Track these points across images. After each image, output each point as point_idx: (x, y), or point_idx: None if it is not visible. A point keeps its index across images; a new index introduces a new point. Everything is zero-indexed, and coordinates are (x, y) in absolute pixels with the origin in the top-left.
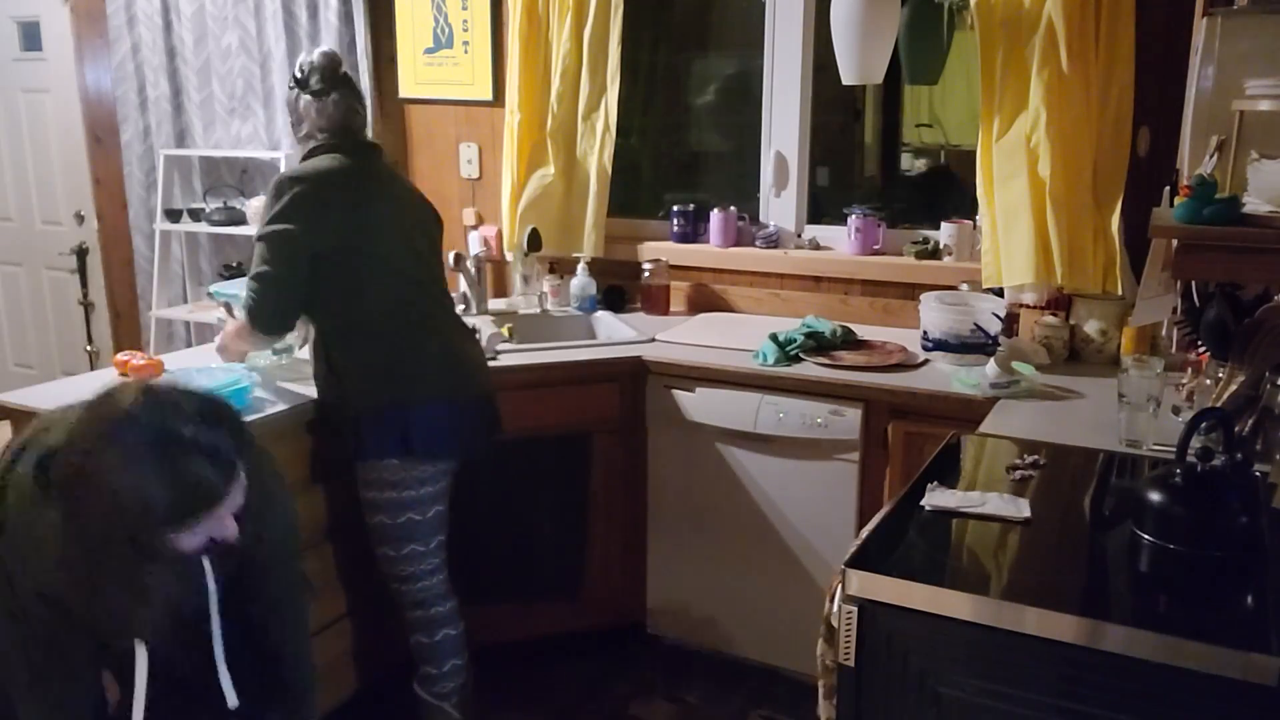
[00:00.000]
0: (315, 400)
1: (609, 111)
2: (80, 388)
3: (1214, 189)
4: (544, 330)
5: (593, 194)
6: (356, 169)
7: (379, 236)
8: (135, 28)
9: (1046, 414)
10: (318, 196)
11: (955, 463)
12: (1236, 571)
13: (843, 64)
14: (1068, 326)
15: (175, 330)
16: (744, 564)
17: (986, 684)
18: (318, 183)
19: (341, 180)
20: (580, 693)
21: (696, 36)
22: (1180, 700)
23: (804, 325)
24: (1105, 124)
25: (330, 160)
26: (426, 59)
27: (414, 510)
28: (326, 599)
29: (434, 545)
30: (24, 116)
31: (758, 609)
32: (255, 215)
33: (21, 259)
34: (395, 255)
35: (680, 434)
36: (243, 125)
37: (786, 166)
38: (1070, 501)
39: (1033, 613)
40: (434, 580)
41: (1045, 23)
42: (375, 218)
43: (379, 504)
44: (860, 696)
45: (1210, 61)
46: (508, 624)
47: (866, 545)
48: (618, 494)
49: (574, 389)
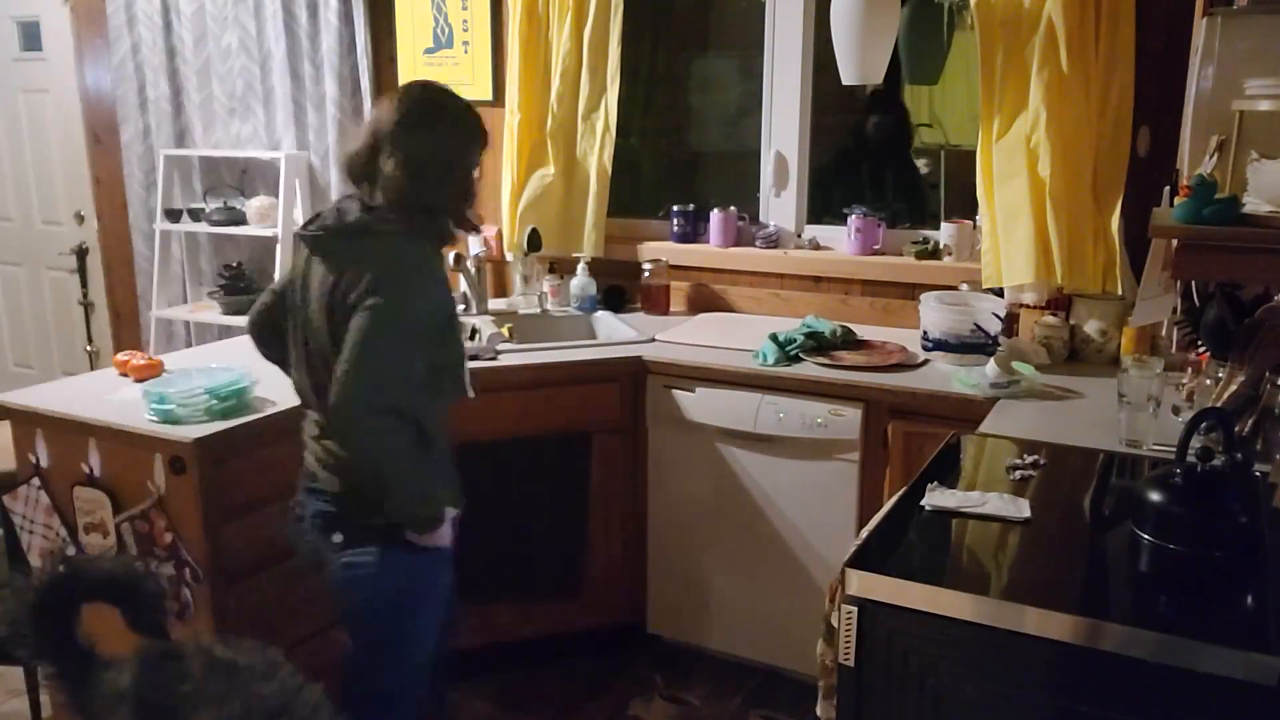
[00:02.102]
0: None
1: (609, 111)
2: (80, 388)
3: (1214, 189)
4: (544, 330)
5: (593, 194)
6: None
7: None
8: (135, 28)
9: (1046, 414)
10: None
11: (955, 463)
12: (1236, 571)
13: (843, 64)
14: (1068, 326)
15: (175, 330)
16: (744, 564)
17: (986, 684)
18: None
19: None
20: (580, 693)
21: (696, 36)
22: (1180, 700)
23: (804, 325)
24: (1105, 124)
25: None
26: (426, 59)
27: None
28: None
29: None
30: (24, 116)
31: (758, 609)
32: (256, 215)
33: (21, 259)
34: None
35: (680, 434)
36: (243, 125)
37: (786, 166)
38: (1070, 501)
39: (1032, 612)
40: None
41: (1045, 22)
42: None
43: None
44: (860, 696)
45: (1210, 61)
46: (508, 624)
47: (866, 545)
48: (618, 494)
49: (574, 389)
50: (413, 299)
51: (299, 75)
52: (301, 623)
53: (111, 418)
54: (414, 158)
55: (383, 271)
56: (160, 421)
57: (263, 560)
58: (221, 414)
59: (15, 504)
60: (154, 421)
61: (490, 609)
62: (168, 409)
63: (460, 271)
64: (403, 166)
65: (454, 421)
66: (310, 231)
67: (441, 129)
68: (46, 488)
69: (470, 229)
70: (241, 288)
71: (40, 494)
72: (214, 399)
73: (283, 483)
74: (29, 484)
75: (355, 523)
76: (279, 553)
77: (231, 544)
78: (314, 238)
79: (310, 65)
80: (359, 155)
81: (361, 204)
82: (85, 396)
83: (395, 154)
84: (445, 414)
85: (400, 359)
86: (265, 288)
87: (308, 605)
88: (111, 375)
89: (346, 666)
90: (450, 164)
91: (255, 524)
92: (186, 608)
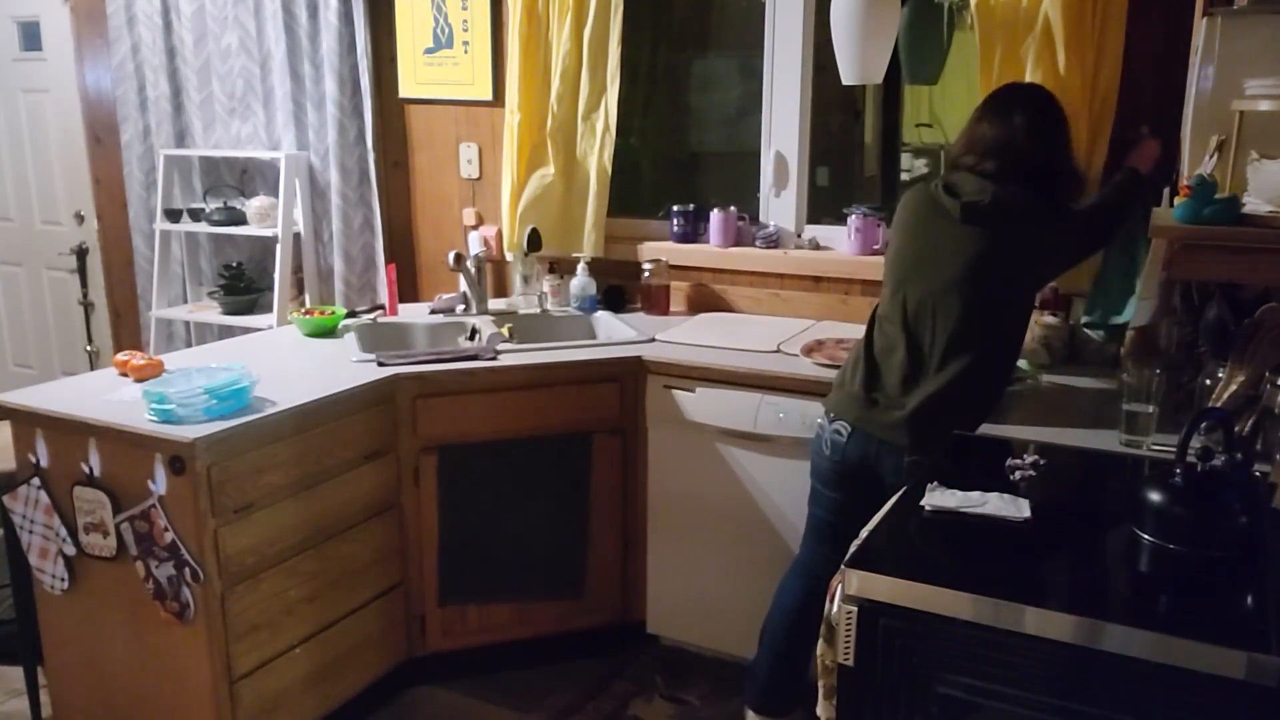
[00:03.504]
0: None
1: (609, 111)
2: (80, 387)
3: (1214, 189)
4: (544, 330)
5: (593, 194)
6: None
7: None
8: (135, 28)
9: (1046, 414)
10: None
11: (955, 463)
12: (1236, 571)
13: (843, 64)
14: (1068, 326)
15: (175, 330)
16: (744, 564)
17: (986, 684)
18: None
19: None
20: (580, 693)
21: (696, 36)
22: (1180, 700)
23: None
24: (1091, 124)
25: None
26: (426, 59)
27: None
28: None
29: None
30: (24, 116)
31: (758, 609)
32: (256, 215)
33: (21, 259)
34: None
35: (680, 434)
36: (243, 125)
37: (786, 166)
38: (1070, 501)
39: (1032, 612)
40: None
41: (1042, 21)
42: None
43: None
44: (860, 696)
45: (1210, 61)
46: (508, 624)
47: (866, 545)
48: (618, 494)
49: (574, 389)
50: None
51: (299, 75)
52: (301, 622)
53: (111, 418)
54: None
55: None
56: (160, 421)
57: (263, 560)
58: (221, 414)
59: (15, 504)
60: (154, 421)
61: (490, 609)
62: (168, 409)
63: (460, 271)
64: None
65: (454, 421)
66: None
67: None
68: (46, 488)
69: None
70: (241, 288)
71: (40, 494)
72: (214, 399)
73: (282, 482)
74: (29, 484)
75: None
76: (279, 553)
77: (231, 544)
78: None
79: (310, 65)
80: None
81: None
82: (85, 396)
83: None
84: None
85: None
86: (264, 287)
87: (308, 605)
88: (111, 375)
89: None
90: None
91: (255, 524)
92: (186, 608)
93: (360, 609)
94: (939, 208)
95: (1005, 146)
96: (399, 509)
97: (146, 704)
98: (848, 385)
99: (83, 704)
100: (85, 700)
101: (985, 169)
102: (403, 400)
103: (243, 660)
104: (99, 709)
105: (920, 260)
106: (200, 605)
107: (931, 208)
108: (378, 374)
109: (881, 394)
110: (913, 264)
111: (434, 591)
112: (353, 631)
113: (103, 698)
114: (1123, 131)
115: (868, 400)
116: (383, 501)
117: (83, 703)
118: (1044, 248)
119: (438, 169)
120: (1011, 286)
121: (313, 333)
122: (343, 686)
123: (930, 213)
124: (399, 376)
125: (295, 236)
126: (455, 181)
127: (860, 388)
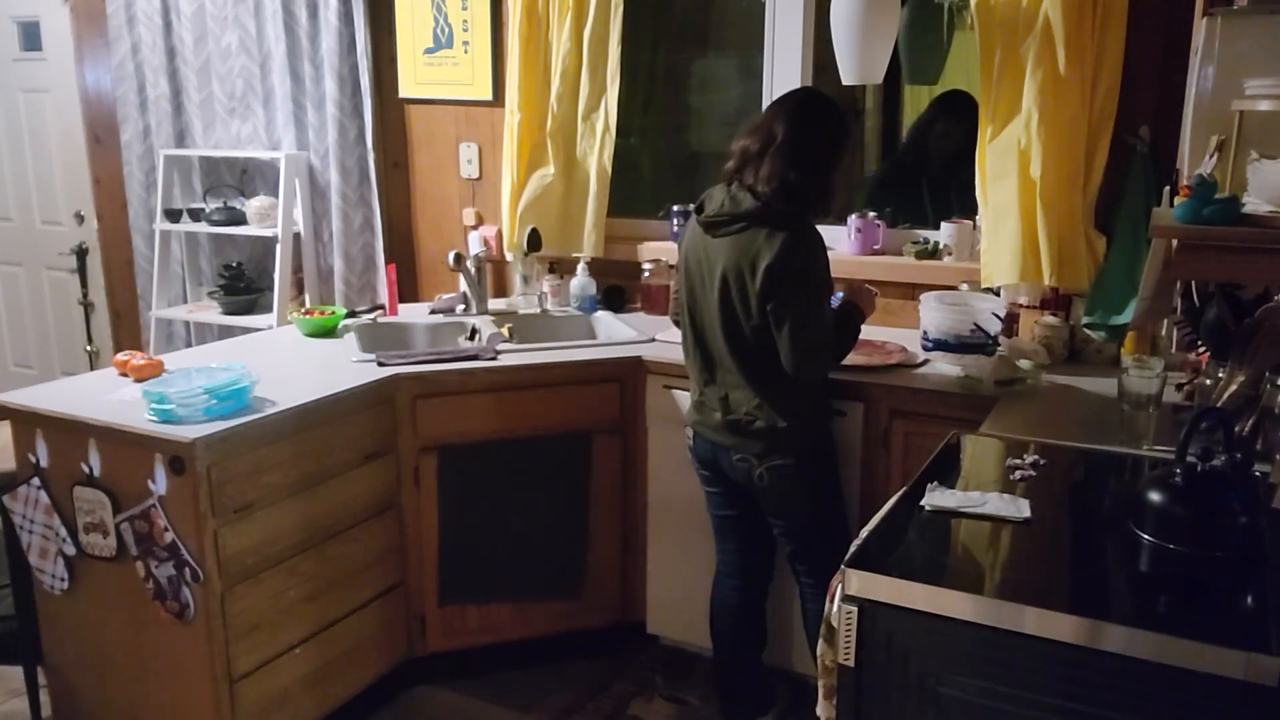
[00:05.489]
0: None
1: (609, 111)
2: (80, 387)
3: (1214, 189)
4: (544, 330)
5: (592, 194)
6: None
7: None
8: (135, 28)
9: (1046, 414)
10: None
11: (955, 463)
12: (1236, 571)
13: (843, 64)
14: (1068, 326)
15: (175, 330)
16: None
17: (986, 684)
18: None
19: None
20: (580, 693)
21: (696, 36)
22: (1180, 700)
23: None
24: (1092, 125)
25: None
26: (426, 59)
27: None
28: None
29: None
30: (24, 116)
31: None
32: (256, 215)
33: (21, 259)
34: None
35: (680, 434)
36: (243, 125)
37: None
38: (1070, 501)
39: (1032, 613)
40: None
41: (1042, 21)
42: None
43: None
44: (860, 696)
45: (1210, 61)
46: (508, 624)
47: (866, 545)
48: (617, 494)
49: (574, 389)
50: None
51: (299, 75)
52: (301, 623)
53: (111, 418)
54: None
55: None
56: (160, 421)
57: (263, 560)
58: (221, 414)
59: (15, 504)
60: (154, 421)
61: (490, 609)
62: (168, 409)
63: (460, 271)
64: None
65: (454, 421)
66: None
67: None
68: (46, 488)
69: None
70: (241, 288)
71: (40, 494)
72: (214, 399)
73: (282, 482)
74: (29, 484)
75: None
76: (279, 553)
77: (231, 544)
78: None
79: (310, 65)
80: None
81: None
82: (85, 396)
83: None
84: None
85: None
86: (264, 287)
87: (308, 605)
88: (111, 375)
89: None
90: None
91: (255, 524)
92: (186, 608)
93: (360, 609)
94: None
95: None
96: (399, 509)
97: (146, 704)
98: (691, 391)
99: (82, 704)
100: (85, 700)
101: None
102: (402, 400)
103: (243, 660)
104: (99, 709)
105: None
106: (200, 605)
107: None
108: (378, 374)
109: (705, 398)
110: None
111: (434, 591)
112: (353, 631)
113: (103, 698)
114: (1123, 133)
115: (696, 405)
116: (383, 501)
117: (82, 703)
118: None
119: (438, 169)
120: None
121: (313, 333)
122: (343, 686)
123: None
124: (399, 376)
125: (295, 236)
126: (455, 181)
127: (694, 392)
